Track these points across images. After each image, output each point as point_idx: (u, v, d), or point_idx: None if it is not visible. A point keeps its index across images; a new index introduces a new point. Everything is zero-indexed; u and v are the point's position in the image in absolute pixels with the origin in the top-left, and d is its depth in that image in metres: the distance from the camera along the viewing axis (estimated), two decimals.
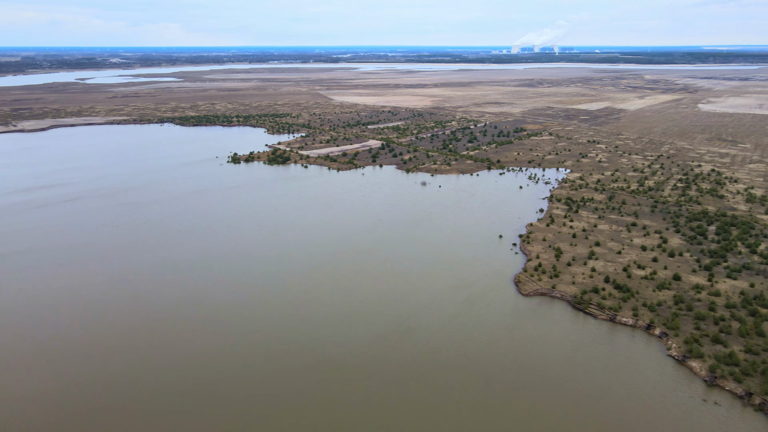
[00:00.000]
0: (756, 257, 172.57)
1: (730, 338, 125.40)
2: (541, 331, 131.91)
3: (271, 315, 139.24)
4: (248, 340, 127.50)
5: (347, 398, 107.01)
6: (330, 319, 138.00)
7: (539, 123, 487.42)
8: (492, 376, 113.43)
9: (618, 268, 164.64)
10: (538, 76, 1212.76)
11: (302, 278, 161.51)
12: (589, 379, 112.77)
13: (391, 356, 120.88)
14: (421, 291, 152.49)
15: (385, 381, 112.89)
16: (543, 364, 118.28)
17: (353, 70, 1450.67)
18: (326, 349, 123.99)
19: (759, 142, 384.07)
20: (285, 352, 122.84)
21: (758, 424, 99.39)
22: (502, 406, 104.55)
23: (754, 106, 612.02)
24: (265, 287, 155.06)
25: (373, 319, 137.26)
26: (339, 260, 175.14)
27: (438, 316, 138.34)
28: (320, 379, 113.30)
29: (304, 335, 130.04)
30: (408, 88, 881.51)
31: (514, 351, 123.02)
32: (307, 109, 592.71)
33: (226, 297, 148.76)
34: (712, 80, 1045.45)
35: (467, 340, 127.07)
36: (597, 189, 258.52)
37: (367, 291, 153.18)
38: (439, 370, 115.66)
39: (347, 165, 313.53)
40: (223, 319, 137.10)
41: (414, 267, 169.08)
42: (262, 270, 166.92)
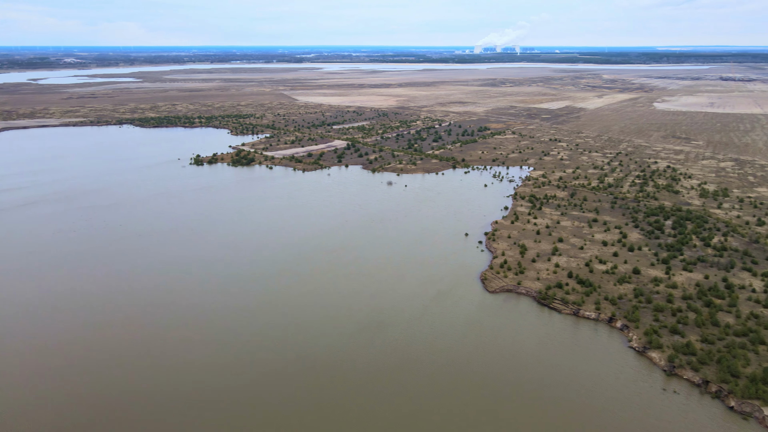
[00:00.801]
0: (710, 250, 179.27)
1: (687, 329, 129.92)
2: (508, 327, 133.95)
3: (241, 317, 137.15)
4: (218, 342, 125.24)
5: (321, 395, 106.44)
6: (302, 318, 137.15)
7: (502, 122, 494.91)
8: (461, 371, 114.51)
9: (581, 264, 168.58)
10: (500, 75, 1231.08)
11: (271, 280, 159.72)
12: (554, 372, 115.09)
13: (363, 352, 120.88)
14: (389, 290, 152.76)
15: (358, 376, 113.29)
16: (510, 358, 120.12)
17: (317, 70, 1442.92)
18: (299, 348, 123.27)
19: (711, 139, 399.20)
20: (257, 352, 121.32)
21: (715, 411, 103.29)
22: (471, 399, 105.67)
23: (705, 104, 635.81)
24: (233, 290, 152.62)
25: (345, 317, 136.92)
26: (308, 261, 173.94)
27: (407, 314, 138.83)
28: (295, 377, 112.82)
29: (275, 336, 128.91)
30: (373, 88, 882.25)
31: (482, 346, 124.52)
32: (271, 109, 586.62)
33: (191, 300, 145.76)
34: (666, 80, 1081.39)
35: (436, 337, 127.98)
36: (559, 186, 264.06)
37: (338, 290, 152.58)
38: (410, 364, 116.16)
39: (313, 166, 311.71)
40: (188, 322, 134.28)
41: (382, 266, 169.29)
42: (229, 273, 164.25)
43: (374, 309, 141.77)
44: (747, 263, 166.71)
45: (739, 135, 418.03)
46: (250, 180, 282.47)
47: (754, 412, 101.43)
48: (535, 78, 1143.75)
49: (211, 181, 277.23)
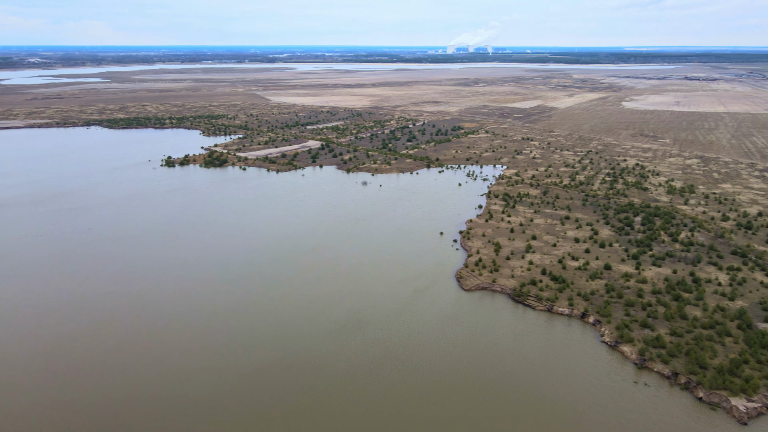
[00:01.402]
0: (677, 245, 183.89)
1: (657, 322, 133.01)
2: (484, 324, 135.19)
3: (217, 319, 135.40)
4: (196, 344, 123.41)
5: (301, 394, 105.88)
6: (279, 319, 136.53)
7: (476, 121, 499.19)
8: (438, 369, 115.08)
9: (554, 260, 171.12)
10: (473, 75, 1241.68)
11: (247, 281, 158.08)
12: (529, 368, 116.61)
13: (341, 352, 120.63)
14: (366, 289, 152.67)
15: (338, 373, 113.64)
16: (486, 355, 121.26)
17: (290, 70, 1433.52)
18: (278, 348, 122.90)
19: (677, 137, 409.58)
20: (236, 353, 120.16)
21: (684, 402, 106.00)
22: (449, 395, 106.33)
23: (672, 103, 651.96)
24: (208, 292, 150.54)
25: (322, 316, 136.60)
26: (284, 262, 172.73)
27: (384, 313, 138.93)
28: (274, 376, 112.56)
29: (253, 336, 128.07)
30: (346, 88, 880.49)
31: (459, 344, 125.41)
32: (243, 110, 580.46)
33: (165, 305, 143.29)
34: (634, 79, 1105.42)
35: (413, 336, 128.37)
36: (532, 184, 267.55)
37: (314, 290, 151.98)
38: (389, 362, 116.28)
39: (287, 166, 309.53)
40: (162, 326, 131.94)
41: (358, 266, 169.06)
42: (204, 275, 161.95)
43: (351, 309, 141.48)
44: (713, 257, 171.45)
45: (704, 133, 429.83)
46: (224, 181, 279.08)
47: (722, 402, 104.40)
48: (507, 78, 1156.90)
49: (184, 183, 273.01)
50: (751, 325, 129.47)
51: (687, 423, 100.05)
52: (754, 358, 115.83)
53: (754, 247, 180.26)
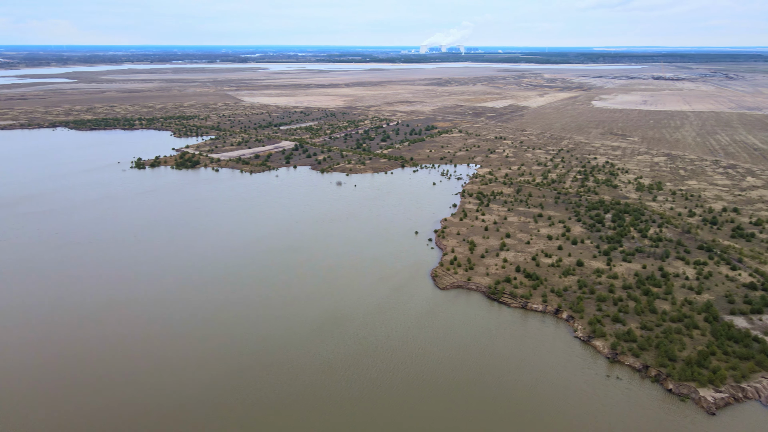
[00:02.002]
0: (647, 241, 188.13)
1: (628, 317, 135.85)
2: (459, 322, 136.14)
3: (195, 320, 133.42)
4: (173, 347, 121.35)
5: (279, 392, 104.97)
6: (259, 318, 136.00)
7: (449, 121, 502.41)
8: (415, 367, 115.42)
9: (527, 258, 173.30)
10: (446, 75, 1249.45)
11: (224, 282, 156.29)
12: (505, 364, 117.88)
13: (319, 351, 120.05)
14: (341, 289, 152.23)
15: (318, 369, 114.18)
16: (462, 352, 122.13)
17: (263, 70, 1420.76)
18: (258, 348, 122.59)
19: (645, 136, 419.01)
20: (215, 353, 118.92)
21: (655, 393, 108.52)
22: (426, 392, 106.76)
23: (639, 102, 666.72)
24: (185, 294, 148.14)
25: (299, 317, 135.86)
26: (260, 262, 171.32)
27: (361, 313, 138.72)
28: (254, 376, 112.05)
29: (234, 336, 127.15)
30: (320, 88, 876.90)
31: (435, 342, 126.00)
32: (215, 110, 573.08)
33: (140, 308, 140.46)
34: (603, 79, 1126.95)
35: (390, 335, 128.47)
36: (505, 183, 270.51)
37: (291, 290, 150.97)
38: (366, 360, 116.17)
39: (260, 167, 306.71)
40: (139, 330, 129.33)
41: (333, 266, 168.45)
42: (179, 277, 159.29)
43: (328, 309, 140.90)
44: (680, 252, 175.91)
45: (671, 131, 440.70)
46: (196, 183, 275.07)
47: (691, 393, 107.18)
48: (480, 77, 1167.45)
49: (155, 185, 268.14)
50: (717, 317, 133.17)
51: (658, 414, 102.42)
52: (721, 350, 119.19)
53: (719, 242, 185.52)
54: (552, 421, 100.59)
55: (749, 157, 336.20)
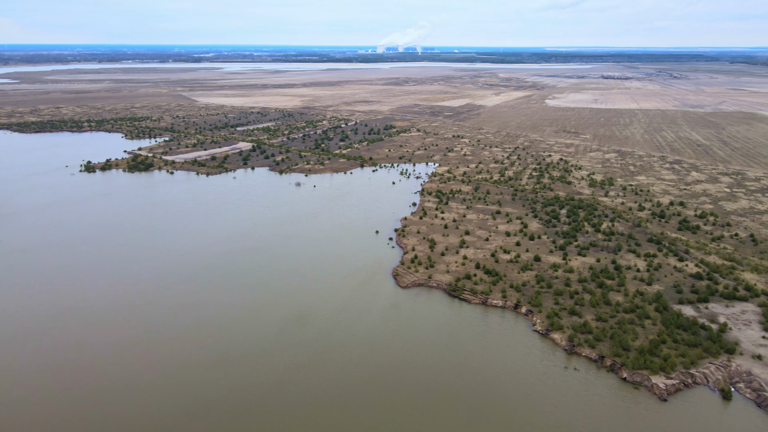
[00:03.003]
0: (600, 235, 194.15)
1: (584, 309, 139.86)
2: (422, 319, 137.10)
3: (156, 323, 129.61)
4: (137, 350, 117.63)
5: (246, 392, 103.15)
6: (225, 319, 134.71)
7: (407, 120, 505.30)
8: (378, 364, 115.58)
9: (487, 254, 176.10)
10: (403, 74, 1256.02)
11: (183, 285, 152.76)
12: (467, 359, 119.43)
13: (285, 350, 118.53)
14: (302, 290, 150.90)
15: (288, 365, 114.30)
16: (424, 348, 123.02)
17: (218, 70, 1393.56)
18: (226, 348, 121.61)
19: (596, 133, 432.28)
20: (183, 355, 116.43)
21: (611, 382, 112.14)
22: (390, 388, 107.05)
23: (590, 101, 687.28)
24: (143, 299, 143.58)
25: (260, 317, 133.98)
26: (220, 263, 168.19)
27: (322, 313, 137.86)
28: (220, 376, 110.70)
29: (200, 337, 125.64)
30: (276, 88, 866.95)
31: (397, 340, 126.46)
32: (169, 111, 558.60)
33: (99, 316, 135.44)
34: (555, 78, 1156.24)
35: (353, 334, 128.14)
36: (464, 181, 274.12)
37: (255, 289, 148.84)
38: (328, 359, 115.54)
39: (217, 169, 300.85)
40: (98, 334, 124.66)
41: (293, 267, 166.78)
42: (137, 282, 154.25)
43: (290, 311, 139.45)
44: (632, 245, 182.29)
45: (620, 128, 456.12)
46: (150, 186, 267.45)
47: (644, 381, 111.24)
48: (437, 77, 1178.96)
49: (107, 189, 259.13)
50: (667, 307, 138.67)
51: (614, 402, 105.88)
52: (671, 338, 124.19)
53: (667, 235, 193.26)
54: (513, 413, 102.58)
55: (693, 152, 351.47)
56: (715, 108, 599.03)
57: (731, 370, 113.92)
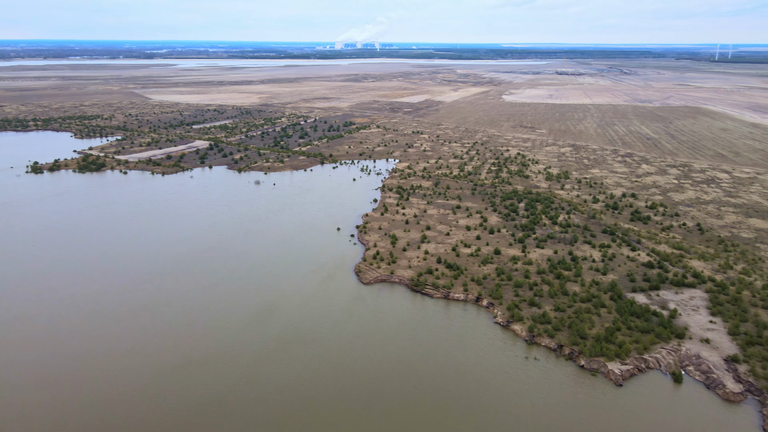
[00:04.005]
0: (557, 227, 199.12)
1: (543, 300, 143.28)
2: (385, 315, 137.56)
3: (122, 327, 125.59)
4: (100, 352, 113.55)
5: (217, 384, 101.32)
6: (188, 317, 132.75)
7: (367, 116, 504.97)
8: (343, 360, 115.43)
9: (448, 249, 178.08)
10: (362, 71, 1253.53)
11: (145, 285, 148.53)
12: (430, 353, 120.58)
13: (247, 349, 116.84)
14: (265, 289, 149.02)
15: (252, 362, 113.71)
16: (388, 342, 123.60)
17: (171, 67, 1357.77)
18: (191, 346, 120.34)
19: (552, 128, 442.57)
20: (148, 356, 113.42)
21: (569, 370, 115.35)
22: (356, 384, 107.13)
23: (546, 96, 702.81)
24: (105, 301, 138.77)
25: (221, 317, 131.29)
26: (182, 263, 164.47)
27: (285, 312, 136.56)
28: (190, 373, 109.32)
29: (164, 337, 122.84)
30: (233, 85, 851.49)
31: (361, 335, 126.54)
32: (121, 109, 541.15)
33: (57, 318, 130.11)
34: (511, 74, 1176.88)
35: (316, 332, 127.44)
36: (424, 176, 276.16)
37: (218, 288, 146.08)
38: (292, 354, 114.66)
39: (173, 168, 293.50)
40: (59, 337, 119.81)
41: (256, 265, 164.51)
42: (95, 284, 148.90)
43: (251, 309, 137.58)
44: (587, 237, 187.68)
45: (574, 123, 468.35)
46: (103, 186, 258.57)
47: (600, 367, 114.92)
48: (396, 73, 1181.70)
49: (56, 190, 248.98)
50: (621, 295, 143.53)
51: (572, 389, 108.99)
52: (625, 325, 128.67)
53: (621, 225, 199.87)
54: (477, 403, 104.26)
55: (643, 146, 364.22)
56: (662, 103, 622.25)
57: (681, 354, 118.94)
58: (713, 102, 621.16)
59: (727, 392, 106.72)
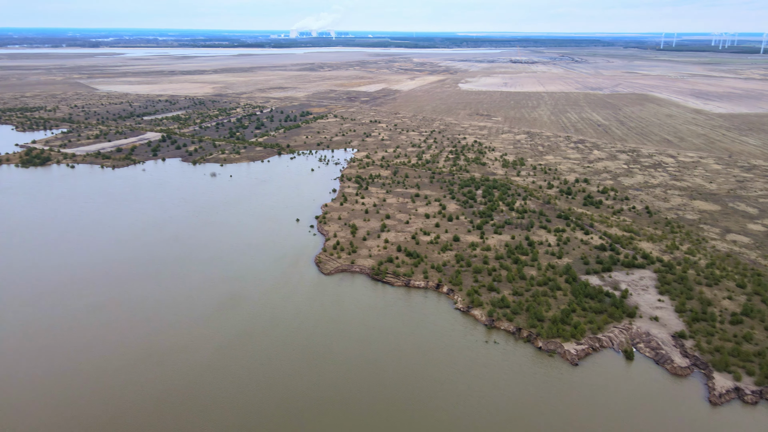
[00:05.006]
0: (514, 213, 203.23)
1: (501, 285, 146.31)
2: (346, 305, 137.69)
3: (82, 323, 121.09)
4: (62, 352, 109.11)
5: (181, 374, 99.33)
6: (149, 310, 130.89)
7: (324, 106, 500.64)
8: (306, 350, 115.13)
9: (407, 237, 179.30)
10: (318, 60, 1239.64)
11: (103, 280, 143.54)
12: (393, 340, 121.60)
13: (209, 343, 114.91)
14: (222, 283, 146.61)
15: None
16: (350, 332, 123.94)
17: (119, 56, 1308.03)
18: (160, 338, 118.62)
19: (507, 116, 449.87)
20: (110, 351, 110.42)
21: (527, 352, 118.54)
22: (319, 372, 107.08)
23: (501, 84, 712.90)
24: (63, 297, 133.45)
25: (179, 315, 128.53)
26: (139, 257, 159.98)
27: (244, 307, 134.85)
28: (154, 368, 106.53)
29: (124, 332, 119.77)
30: (185, 74, 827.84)
31: (322, 326, 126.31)
32: (66, 101, 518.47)
33: (9, 316, 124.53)
34: (467, 62, 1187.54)
35: (275, 327, 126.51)
36: (383, 165, 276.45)
37: (177, 280, 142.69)
38: (255, 348, 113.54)
39: (124, 161, 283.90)
40: (17, 337, 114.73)
41: (211, 259, 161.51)
42: (48, 282, 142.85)
43: (210, 301, 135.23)
44: (543, 222, 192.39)
45: (529, 111, 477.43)
46: (49, 181, 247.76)
47: (557, 348, 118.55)
48: (352, 62, 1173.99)
49: None
50: (575, 278, 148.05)
51: (531, 370, 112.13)
52: (580, 307, 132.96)
53: (574, 210, 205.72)
54: (440, 387, 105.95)
55: (594, 132, 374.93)
56: (612, 90, 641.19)
57: (632, 333, 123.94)
58: (659, 89, 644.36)
59: (675, 367, 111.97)
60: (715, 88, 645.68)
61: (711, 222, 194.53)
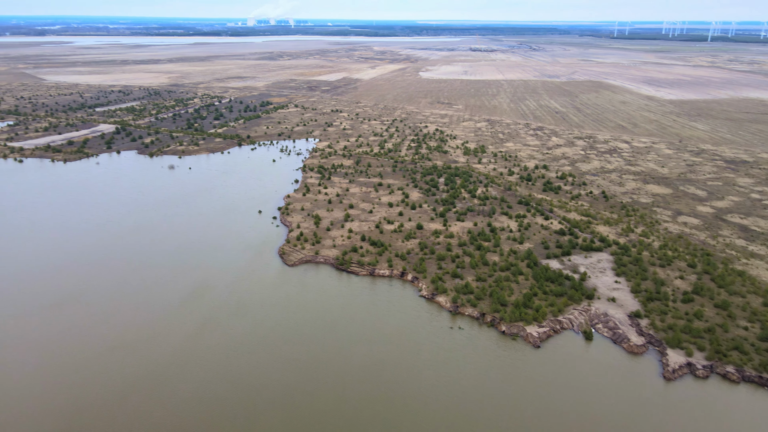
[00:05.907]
0: (476, 200, 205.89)
1: (465, 271, 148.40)
2: (311, 295, 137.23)
3: (46, 318, 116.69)
4: (31, 346, 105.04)
5: (150, 365, 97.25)
6: (117, 302, 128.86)
7: (284, 96, 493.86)
8: (273, 342, 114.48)
9: (371, 226, 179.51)
10: (277, 49, 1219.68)
11: (62, 275, 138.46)
12: (359, 329, 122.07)
13: (173, 339, 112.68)
14: (184, 279, 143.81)
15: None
16: (315, 321, 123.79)
17: (67, 45, 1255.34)
18: (126, 329, 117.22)
19: (468, 104, 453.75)
20: (76, 345, 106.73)
21: (492, 336, 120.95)
22: (286, 363, 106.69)
23: (461, 72, 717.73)
24: (24, 294, 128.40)
25: (155, 298, 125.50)
26: (97, 252, 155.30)
27: (207, 302, 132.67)
28: (130, 354, 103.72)
29: (88, 326, 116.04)
30: (139, 64, 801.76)
31: (287, 317, 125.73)
32: (11, 91, 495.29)
33: None
34: (427, 51, 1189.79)
35: (238, 321, 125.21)
36: (345, 155, 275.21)
37: (137, 273, 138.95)
38: (223, 347, 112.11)
39: (76, 155, 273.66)
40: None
41: (173, 251, 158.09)
42: (3, 282, 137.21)
43: (174, 295, 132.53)
44: (504, 208, 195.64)
45: (489, 98, 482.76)
46: None
47: (520, 332, 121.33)
48: (312, 51, 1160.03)
49: None
50: (537, 262, 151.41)
51: (495, 353, 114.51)
52: (541, 290, 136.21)
53: (534, 196, 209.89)
54: (407, 373, 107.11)
55: (552, 119, 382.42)
56: (569, 78, 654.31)
57: (591, 314, 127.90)
58: (613, 77, 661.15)
59: (631, 345, 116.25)
60: (665, 75, 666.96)
61: (663, 205, 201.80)
